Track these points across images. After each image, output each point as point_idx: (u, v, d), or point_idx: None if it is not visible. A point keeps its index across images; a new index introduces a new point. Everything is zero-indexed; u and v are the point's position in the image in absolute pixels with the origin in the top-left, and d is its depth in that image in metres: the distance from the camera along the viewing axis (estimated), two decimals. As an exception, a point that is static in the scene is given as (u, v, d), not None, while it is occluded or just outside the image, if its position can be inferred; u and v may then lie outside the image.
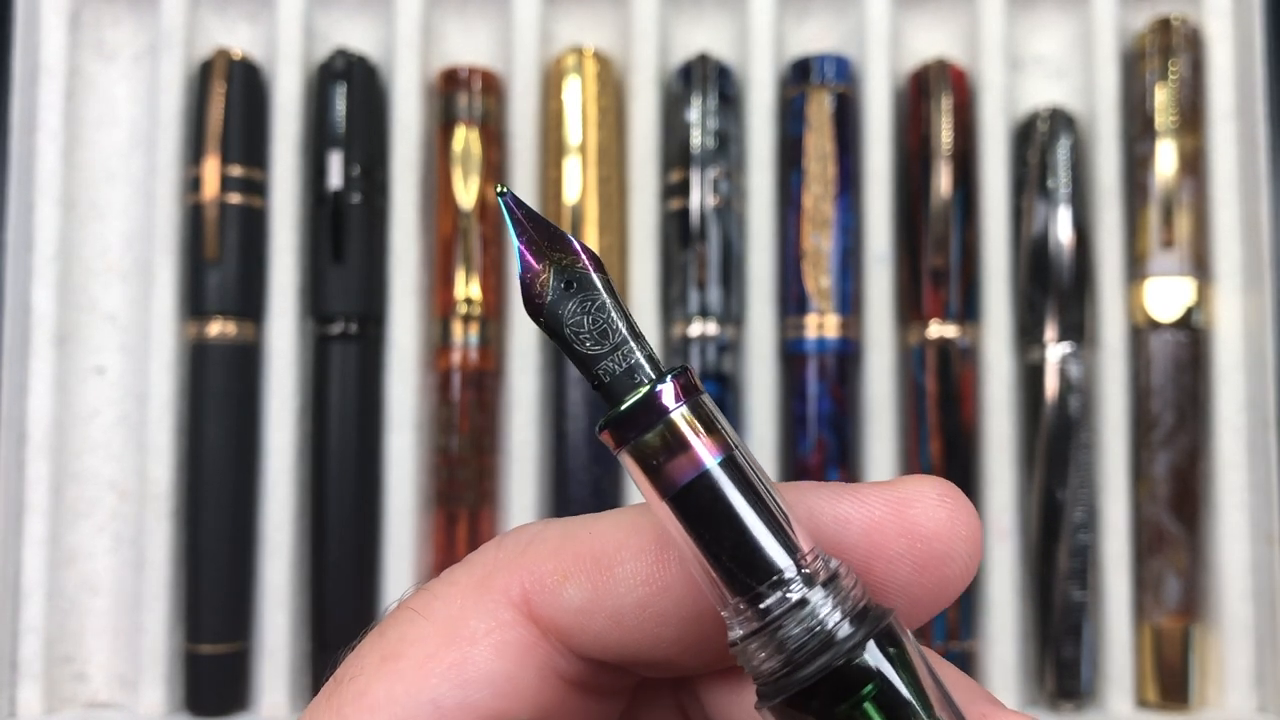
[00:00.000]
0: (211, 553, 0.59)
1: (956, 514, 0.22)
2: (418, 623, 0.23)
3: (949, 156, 0.61)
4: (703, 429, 0.20)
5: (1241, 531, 0.61)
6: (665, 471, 0.20)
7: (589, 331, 0.21)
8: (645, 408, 0.20)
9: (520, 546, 0.23)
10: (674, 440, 0.20)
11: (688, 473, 0.20)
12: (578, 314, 0.21)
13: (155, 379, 0.60)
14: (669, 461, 0.20)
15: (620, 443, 0.20)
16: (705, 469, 0.20)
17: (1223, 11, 0.63)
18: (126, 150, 0.63)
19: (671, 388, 0.20)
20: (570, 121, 0.61)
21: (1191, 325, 0.61)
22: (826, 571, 0.20)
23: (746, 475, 0.20)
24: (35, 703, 0.59)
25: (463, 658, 0.22)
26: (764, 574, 0.20)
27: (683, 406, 0.20)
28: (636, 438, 0.20)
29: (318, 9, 0.64)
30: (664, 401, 0.20)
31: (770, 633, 0.20)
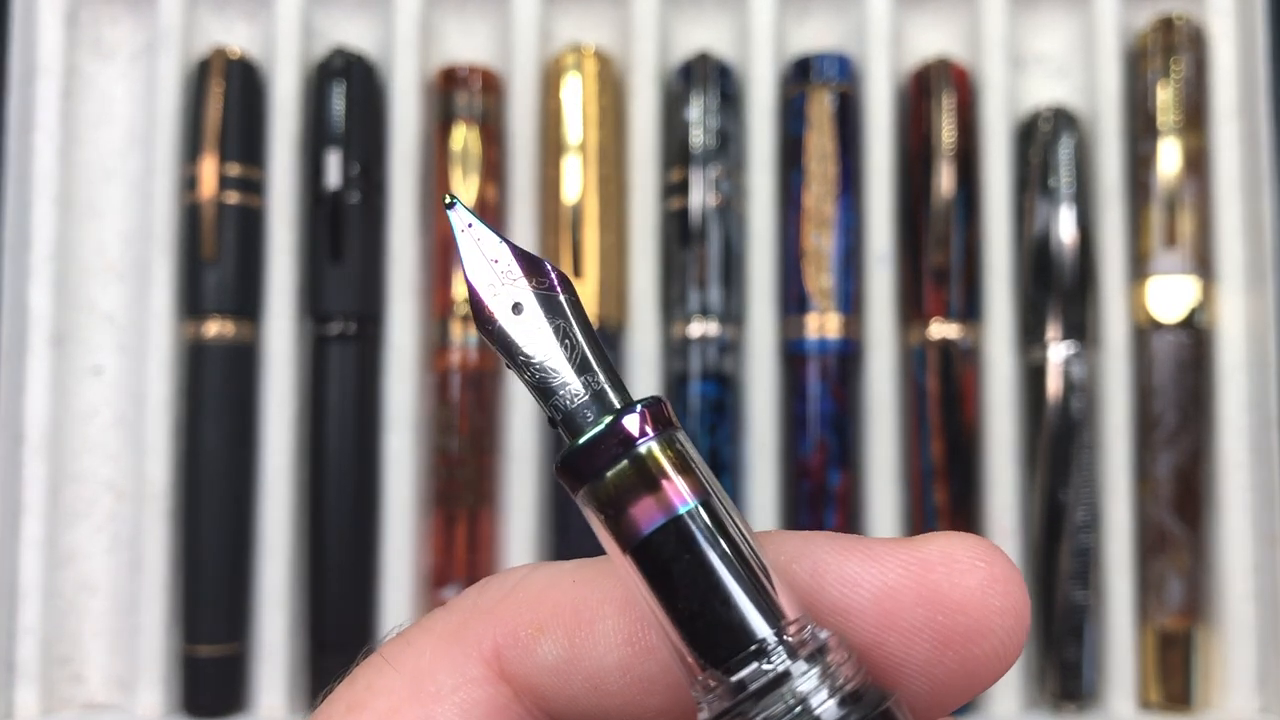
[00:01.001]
0: (209, 553, 0.59)
1: (993, 580, 0.19)
2: (385, 673, 0.21)
3: (951, 155, 0.61)
4: (673, 469, 0.18)
5: (1244, 532, 0.60)
6: (628, 518, 0.17)
7: (545, 359, 0.19)
8: (607, 440, 0.17)
9: (501, 593, 0.21)
10: (639, 480, 0.17)
11: (654, 519, 0.17)
12: (534, 338, 0.19)
13: (152, 379, 0.60)
14: (632, 505, 0.17)
15: (578, 483, 0.18)
16: (675, 514, 0.17)
17: (1226, 10, 0.63)
18: (124, 149, 0.63)
19: (638, 418, 0.18)
20: (570, 120, 0.61)
21: (1194, 325, 0.61)
22: (814, 643, 0.18)
23: (724, 525, 0.18)
24: (32, 704, 0.59)
25: (426, 715, 0.20)
26: (739, 643, 0.17)
27: (651, 441, 0.18)
28: (596, 477, 0.18)
29: (316, 7, 0.63)
30: (629, 432, 0.18)
31: (742, 713, 0.17)
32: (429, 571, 0.60)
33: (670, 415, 0.18)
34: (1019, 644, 0.19)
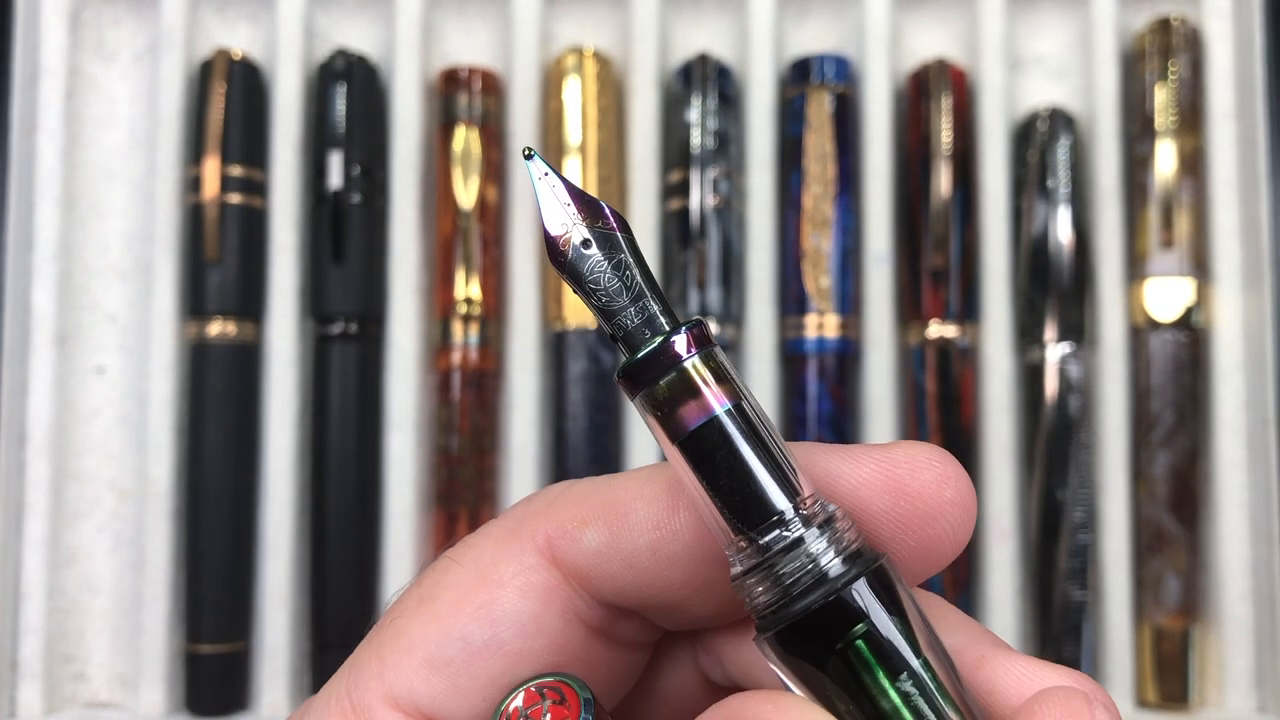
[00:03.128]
0: (211, 553, 0.59)
1: (945, 477, 0.23)
2: (452, 569, 0.24)
3: (949, 156, 0.61)
4: (713, 378, 0.21)
5: (1241, 531, 0.61)
6: (677, 416, 0.21)
7: (608, 286, 0.22)
8: (660, 356, 0.21)
9: (548, 499, 0.25)
10: (685, 387, 0.21)
11: (698, 418, 0.21)
12: (598, 269, 0.22)
13: (155, 379, 0.60)
14: (680, 407, 0.21)
15: (636, 389, 0.22)
16: (714, 415, 0.21)
17: (1222, 12, 0.63)
18: (127, 150, 0.63)
19: (685, 338, 0.21)
20: (570, 122, 0.61)
21: (1191, 325, 0.61)
22: (824, 514, 0.22)
23: (752, 422, 0.22)
24: (35, 703, 0.59)
25: (491, 599, 0.24)
26: (765, 514, 0.21)
27: (695, 356, 0.21)
28: (651, 384, 0.21)
29: (317, 9, 0.64)
30: (677, 350, 0.21)
31: (767, 568, 0.21)
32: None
33: (709, 335, 0.22)
34: (967, 529, 0.23)
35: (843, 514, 0.22)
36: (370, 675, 0.24)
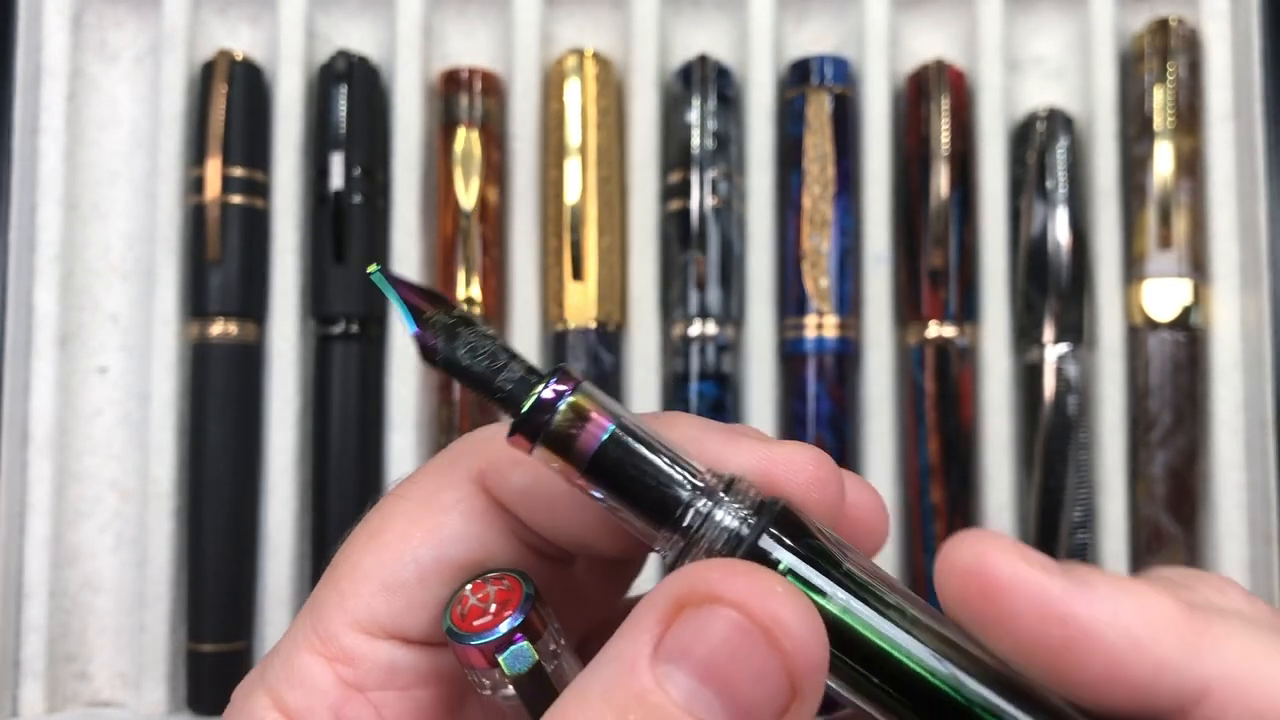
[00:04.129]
0: (213, 552, 0.59)
1: (816, 481, 0.24)
2: (398, 503, 0.26)
3: (947, 157, 0.61)
4: (595, 405, 0.23)
5: (1239, 531, 0.61)
6: (576, 448, 0.23)
7: (481, 361, 0.24)
8: (547, 400, 0.23)
9: (486, 436, 0.26)
10: (576, 417, 0.23)
11: (591, 445, 0.23)
12: (469, 351, 0.24)
13: (157, 379, 0.60)
14: (577, 439, 0.23)
15: (534, 435, 0.23)
16: (609, 430, 0.23)
17: (1220, 13, 0.63)
18: (129, 151, 0.63)
19: (559, 380, 0.23)
20: (571, 123, 0.61)
21: (1189, 325, 0.61)
22: (723, 483, 0.23)
23: (638, 432, 0.24)
24: (38, 702, 0.59)
25: (437, 523, 0.26)
26: (677, 503, 0.23)
27: (574, 391, 0.23)
28: (544, 429, 0.23)
29: (319, 11, 0.64)
30: (559, 388, 0.23)
31: (692, 548, 0.23)
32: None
33: (574, 374, 0.24)
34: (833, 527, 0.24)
35: (738, 477, 0.24)
36: (332, 608, 0.25)
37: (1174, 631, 0.21)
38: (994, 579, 0.21)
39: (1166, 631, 0.21)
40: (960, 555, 0.22)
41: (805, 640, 0.21)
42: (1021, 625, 0.21)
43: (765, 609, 0.20)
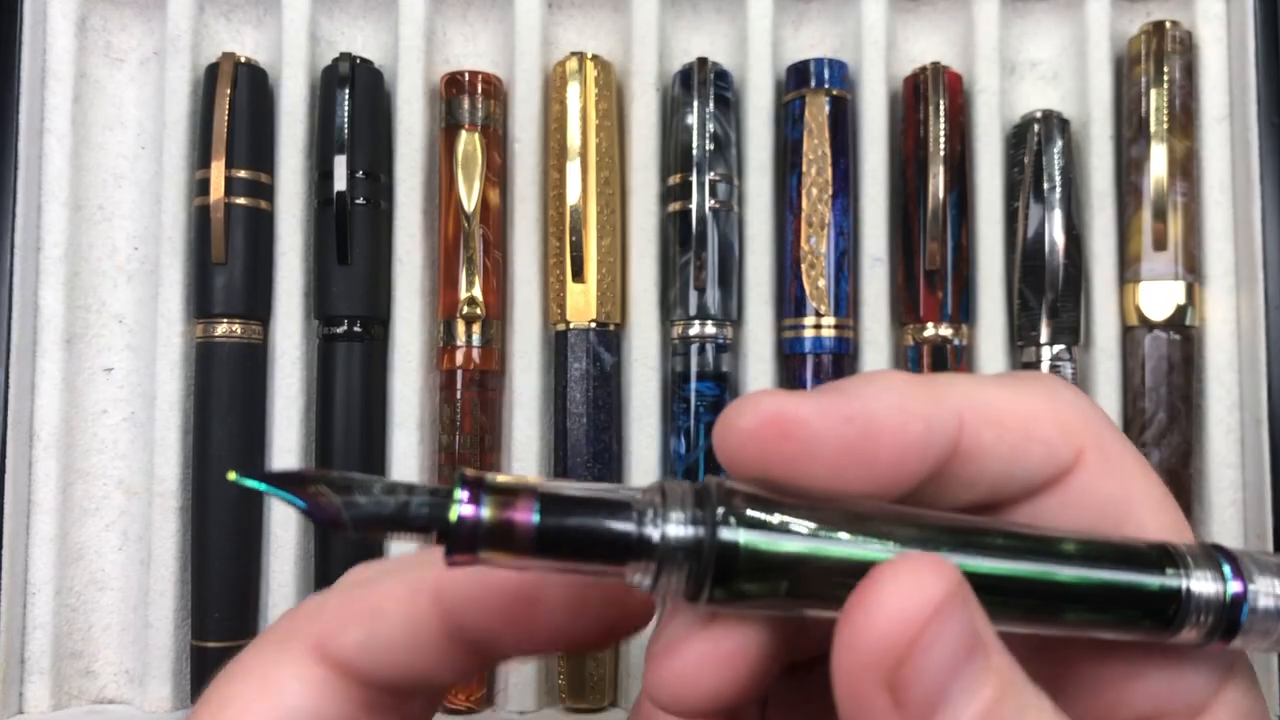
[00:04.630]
0: (218, 550, 0.60)
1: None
2: (234, 681, 0.27)
3: (944, 159, 0.62)
4: (509, 493, 0.23)
5: (1234, 530, 0.61)
6: (516, 538, 0.23)
7: (385, 507, 0.23)
8: (465, 513, 0.23)
9: (313, 607, 0.28)
10: (501, 514, 0.23)
11: (529, 524, 0.23)
12: (366, 499, 0.24)
13: (162, 379, 0.61)
14: (512, 530, 0.23)
15: (473, 550, 0.23)
16: (537, 510, 0.23)
17: (1215, 16, 0.64)
18: (134, 153, 0.64)
19: (465, 482, 0.23)
20: (571, 125, 0.62)
21: (1184, 326, 0.62)
22: (659, 494, 0.24)
23: (564, 495, 0.23)
24: (44, 699, 0.60)
25: (276, 701, 0.27)
26: (627, 535, 0.23)
27: (485, 493, 0.23)
28: (480, 535, 0.23)
29: (322, 14, 0.64)
30: (471, 495, 0.23)
31: (667, 563, 0.23)
32: (433, 568, 0.61)
33: (471, 473, 0.24)
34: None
35: (667, 481, 0.24)
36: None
37: (918, 387, 0.25)
38: (785, 418, 0.24)
39: (913, 389, 0.25)
40: (747, 416, 0.24)
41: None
42: (822, 446, 0.24)
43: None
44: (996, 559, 0.24)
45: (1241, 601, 0.25)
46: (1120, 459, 0.27)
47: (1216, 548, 0.25)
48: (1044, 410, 0.26)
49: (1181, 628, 0.25)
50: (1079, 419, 0.26)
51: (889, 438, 0.24)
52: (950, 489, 0.26)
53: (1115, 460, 0.26)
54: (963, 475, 0.25)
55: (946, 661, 0.22)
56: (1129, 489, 0.26)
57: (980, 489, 0.26)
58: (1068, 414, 0.26)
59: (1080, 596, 0.24)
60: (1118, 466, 0.26)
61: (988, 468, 0.25)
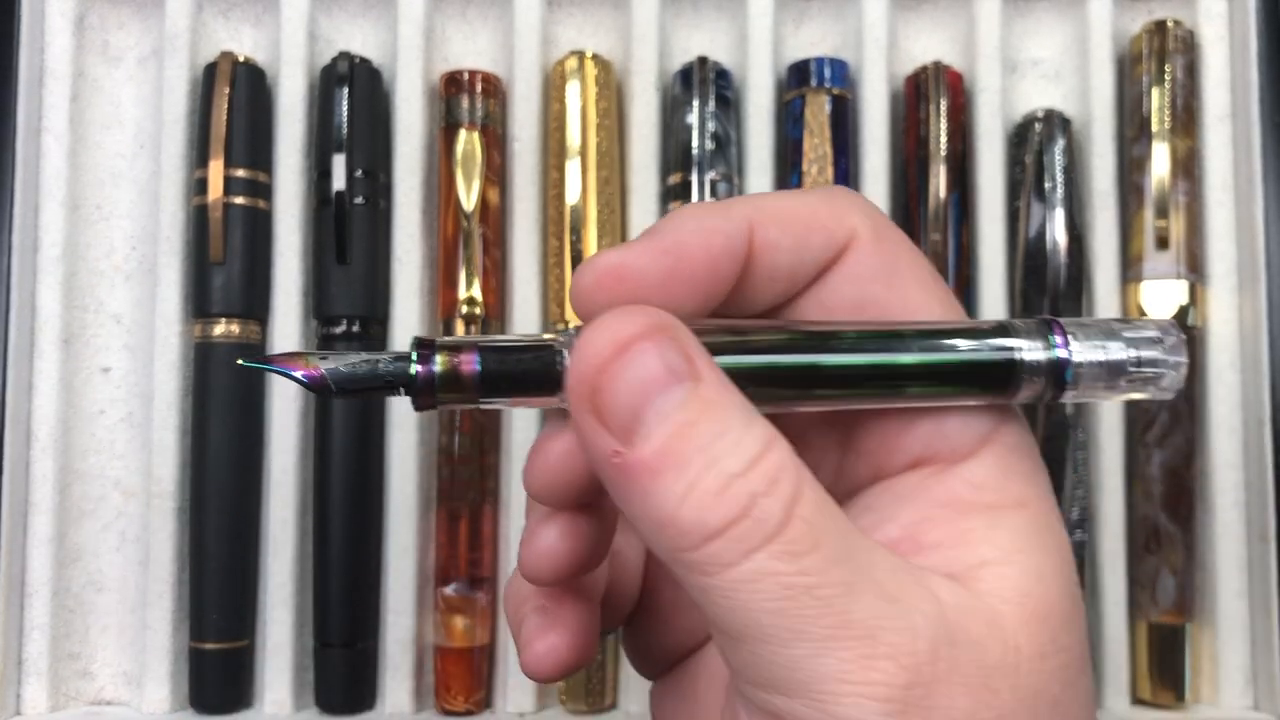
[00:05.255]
0: (215, 551, 0.60)
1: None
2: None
3: (945, 158, 0.61)
4: (455, 351, 0.28)
5: (1236, 530, 0.61)
6: (465, 384, 0.28)
7: (361, 368, 0.29)
8: (422, 369, 0.28)
9: None
10: (451, 367, 0.28)
11: (474, 373, 0.28)
12: (346, 367, 0.29)
13: (160, 379, 0.60)
14: (460, 378, 0.28)
15: (432, 395, 0.28)
16: (478, 363, 0.28)
17: (1218, 15, 0.64)
18: (132, 152, 0.64)
19: (420, 349, 0.28)
20: (571, 124, 0.62)
21: (1186, 326, 0.61)
22: (573, 335, 0.29)
23: (499, 346, 0.29)
24: (41, 700, 0.59)
25: None
26: (556, 374, 0.29)
27: (436, 352, 0.28)
28: (436, 385, 0.28)
29: (321, 13, 0.64)
30: (424, 354, 0.28)
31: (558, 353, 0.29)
32: (431, 568, 0.61)
33: (427, 337, 0.29)
34: None
35: (575, 329, 0.29)
36: None
37: (712, 209, 0.30)
38: (616, 266, 0.29)
39: (707, 211, 0.30)
40: (587, 274, 0.29)
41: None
42: (650, 278, 0.29)
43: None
44: (846, 354, 0.29)
45: (1066, 364, 0.29)
46: (887, 235, 0.31)
47: (1048, 320, 0.30)
48: (821, 205, 0.31)
49: (1019, 390, 0.29)
50: (851, 207, 0.31)
51: (699, 254, 0.29)
52: (759, 283, 0.31)
53: (884, 236, 0.31)
54: (763, 269, 0.30)
55: (638, 387, 0.26)
56: (897, 261, 0.31)
57: (781, 278, 0.31)
58: (842, 205, 0.31)
59: (922, 374, 0.29)
60: (886, 241, 0.31)
61: (780, 259, 0.30)
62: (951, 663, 0.26)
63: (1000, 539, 0.29)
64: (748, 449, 0.26)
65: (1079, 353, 0.29)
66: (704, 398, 0.26)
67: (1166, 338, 0.30)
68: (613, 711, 0.61)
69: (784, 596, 0.25)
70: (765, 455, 0.26)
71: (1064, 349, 0.29)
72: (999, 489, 0.30)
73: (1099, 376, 0.29)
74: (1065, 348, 0.29)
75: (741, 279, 0.30)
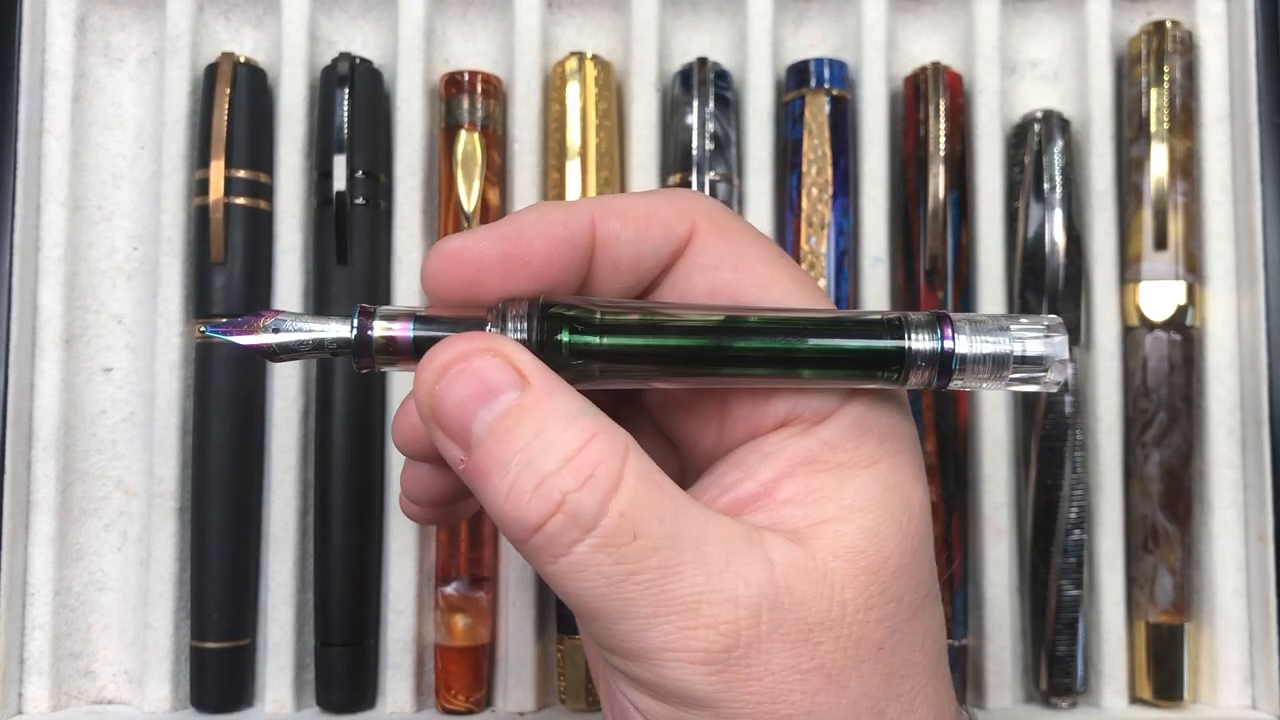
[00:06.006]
0: (217, 550, 0.60)
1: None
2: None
3: (944, 159, 0.62)
4: (391, 318, 0.32)
5: (1234, 529, 0.61)
6: (399, 348, 0.32)
7: (301, 332, 0.32)
8: (361, 334, 0.32)
9: None
10: (387, 333, 0.32)
11: (408, 338, 0.32)
12: (291, 333, 0.32)
13: (161, 379, 0.61)
14: (395, 344, 0.32)
15: (370, 358, 0.32)
16: (412, 327, 0.32)
17: (1216, 16, 0.64)
18: (133, 153, 0.64)
19: (360, 317, 0.32)
20: (571, 125, 0.62)
21: (1184, 326, 0.62)
22: (499, 312, 0.32)
23: (433, 316, 0.32)
24: (43, 699, 0.60)
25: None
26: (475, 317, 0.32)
27: (374, 319, 0.32)
28: (373, 349, 0.32)
29: (322, 14, 0.64)
30: (363, 322, 0.32)
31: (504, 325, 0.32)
32: (431, 568, 0.61)
33: (369, 306, 0.32)
34: None
35: (503, 302, 0.32)
36: None
37: (557, 204, 0.33)
38: (458, 249, 0.32)
39: (552, 205, 0.33)
40: (432, 258, 0.33)
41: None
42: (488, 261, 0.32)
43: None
44: (752, 338, 0.32)
45: (950, 355, 0.32)
46: (728, 226, 0.34)
47: (939, 315, 0.32)
48: (662, 202, 0.34)
49: (909, 377, 0.32)
50: (690, 203, 0.34)
51: (538, 240, 0.32)
52: (604, 272, 0.33)
53: (724, 227, 0.34)
54: (607, 260, 0.33)
55: (462, 403, 0.30)
56: (741, 247, 0.34)
57: (625, 270, 0.33)
58: (681, 202, 0.34)
59: (821, 360, 0.32)
60: (727, 231, 0.34)
61: (622, 251, 0.33)
62: (774, 623, 0.29)
63: (844, 497, 0.31)
64: (562, 447, 0.29)
65: (964, 345, 0.32)
66: (524, 404, 0.30)
67: (1052, 334, 0.32)
68: (612, 710, 0.61)
69: (607, 583, 0.29)
70: (580, 452, 0.29)
71: (950, 340, 0.32)
72: (853, 449, 0.32)
73: (984, 366, 0.32)
74: (951, 339, 0.32)
75: (590, 269, 0.33)
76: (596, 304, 0.32)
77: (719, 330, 0.32)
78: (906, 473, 0.33)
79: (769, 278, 0.33)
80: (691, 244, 0.34)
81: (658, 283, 0.34)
